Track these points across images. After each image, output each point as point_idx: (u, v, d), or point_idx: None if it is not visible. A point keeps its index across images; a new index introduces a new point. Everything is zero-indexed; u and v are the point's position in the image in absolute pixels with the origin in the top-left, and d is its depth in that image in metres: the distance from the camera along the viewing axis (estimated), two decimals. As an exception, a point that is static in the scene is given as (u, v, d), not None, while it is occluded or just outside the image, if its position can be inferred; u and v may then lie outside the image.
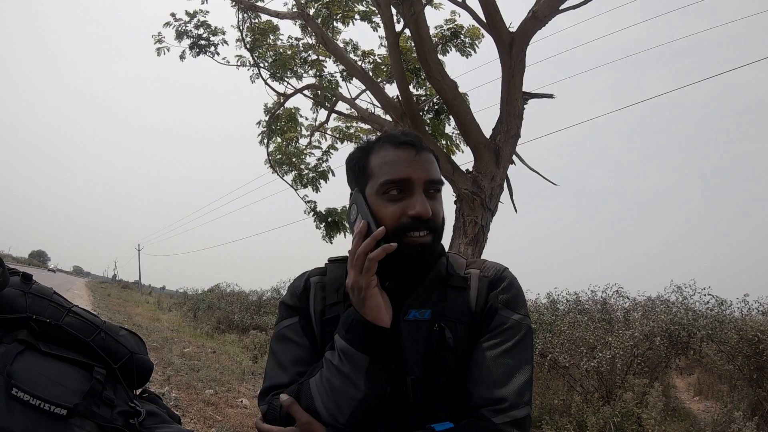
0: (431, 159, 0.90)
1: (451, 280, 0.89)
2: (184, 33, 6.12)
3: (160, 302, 23.19)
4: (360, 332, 0.80)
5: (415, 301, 0.87)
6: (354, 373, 0.79)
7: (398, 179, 0.85)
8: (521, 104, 4.29)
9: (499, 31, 4.21)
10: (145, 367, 1.07)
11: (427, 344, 0.83)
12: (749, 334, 5.36)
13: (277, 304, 14.24)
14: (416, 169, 0.86)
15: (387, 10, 4.51)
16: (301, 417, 0.81)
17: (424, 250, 0.85)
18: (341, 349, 0.81)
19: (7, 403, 0.76)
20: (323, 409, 0.80)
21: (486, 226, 4.15)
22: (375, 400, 0.80)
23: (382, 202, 0.86)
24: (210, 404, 5.01)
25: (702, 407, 6.37)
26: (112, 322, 1.15)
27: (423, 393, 0.81)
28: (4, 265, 0.89)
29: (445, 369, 0.83)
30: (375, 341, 0.79)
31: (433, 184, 0.88)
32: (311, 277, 0.97)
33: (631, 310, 7.25)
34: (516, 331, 0.85)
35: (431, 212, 0.85)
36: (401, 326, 0.84)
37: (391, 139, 0.90)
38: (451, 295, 0.88)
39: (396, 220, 0.84)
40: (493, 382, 0.80)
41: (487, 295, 0.88)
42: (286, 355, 0.90)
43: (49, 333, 0.91)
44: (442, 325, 0.84)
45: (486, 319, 0.86)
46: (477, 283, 0.90)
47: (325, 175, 6.80)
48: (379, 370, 0.79)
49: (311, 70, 6.50)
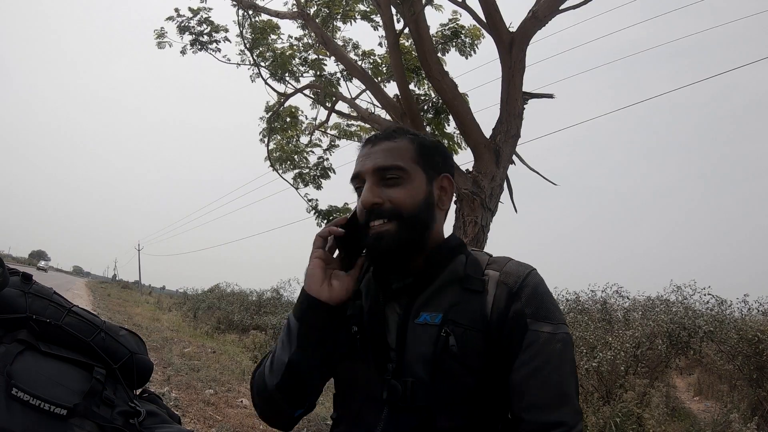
0: (389, 147, 0.87)
1: (468, 281, 0.84)
2: (186, 29, 6.12)
3: (160, 302, 23.20)
4: (299, 299, 0.87)
5: (427, 303, 0.83)
6: (286, 337, 0.86)
7: (354, 175, 0.90)
8: (521, 104, 4.28)
9: (499, 31, 4.21)
10: (145, 367, 1.07)
11: (434, 349, 0.79)
12: (749, 334, 5.36)
13: (276, 304, 14.17)
14: (366, 161, 0.88)
15: (387, 10, 4.51)
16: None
17: (378, 238, 0.83)
18: (287, 317, 0.89)
19: (7, 403, 0.76)
20: (269, 375, 0.87)
21: (486, 226, 4.15)
22: (301, 366, 0.84)
23: (357, 198, 0.90)
24: (210, 404, 5.01)
25: (702, 407, 6.37)
26: (112, 322, 1.15)
27: (424, 397, 0.78)
28: (4, 265, 0.89)
29: (449, 376, 0.79)
30: (303, 307, 0.85)
31: (384, 170, 0.85)
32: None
33: (631, 309, 7.25)
34: (553, 344, 0.78)
35: (380, 200, 0.84)
36: (409, 329, 0.82)
37: (363, 139, 0.94)
38: (465, 299, 0.82)
39: (360, 215, 0.87)
40: (547, 406, 0.75)
41: (507, 305, 0.80)
42: None
43: (49, 333, 0.91)
44: (448, 331, 0.79)
45: (513, 334, 0.79)
46: (495, 287, 0.82)
47: (327, 172, 6.79)
48: (307, 337, 0.83)
49: (311, 70, 6.49)
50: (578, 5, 4.25)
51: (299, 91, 6.50)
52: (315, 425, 4.76)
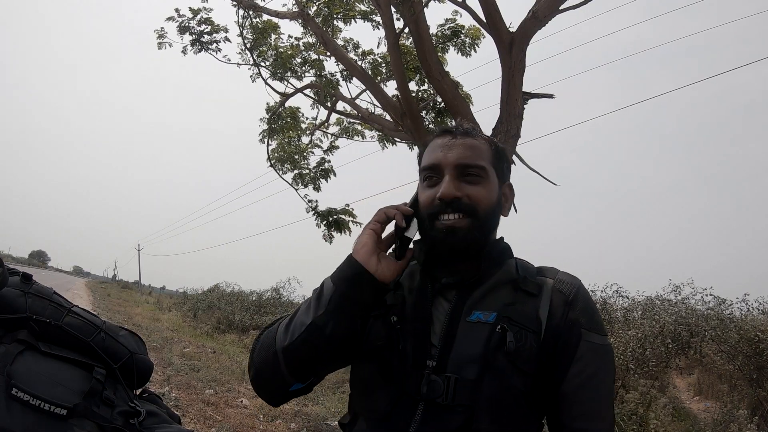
0: (471, 144, 0.87)
1: (524, 283, 0.83)
2: (186, 29, 6.12)
3: (160, 302, 23.18)
4: (342, 265, 0.84)
5: (480, 302, 0.82)
6: (316, 300, 0.82)
7: (430, 165, 0.87)
8: (521, 104, 4.28)
9: (499, 31, 4.20)
10: (145, 367, 1.07)
11: (485, 347, 0.77)
12: (749, 334, 5.36)
13: (276, 304, 14.10)
14: (447, 153, 0.86)
15: (387, 10, 4.51)
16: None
17: (450, 232, 0.82)
18: (324, 280, 0.85)
19: (7, 403, 0.76)
20: (281, 334, 0.83)
21: (486, 226, 4.14)
22: (323, 332, 0.79)
23: (422, 189, 0.88)
24: (210, 404, 5.01)
25: (702, 407, 6.37)
26: (112, 322, 1.15)
27: (467, 396, 0.75)
28: (4, 265, 0.89)
29: (499, 375, 0.76)
30: (346, 273, 0.82)
31: (467, 167, 0.85)
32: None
33: (631, 309, 7.25)
34: (603, 356, 0.81)
35: (460, 194, 0.83)
36: (460, 326, 0.80)
37: (440, 129, 0.93)
38: (520, 300, 0.82)
39: (429, 205, 0.85)
40: (596, 417, 0.79)
41: (564, 313, 0.81)
42: None
43: (49, 333, 0.91)
44: (505, 327, 0.77)
45: (568, 342, 0.79)
46: (550, 294, 0.83)
47: (328, 173, 6.79)
48: (339, 304, 0.80)
49: (311, 70, 6.49)
50: (578, 5, 4.24)
51: (299, 91, 6.50)
52: (314, 425, 4.76)
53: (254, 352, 0.87)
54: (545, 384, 0.79)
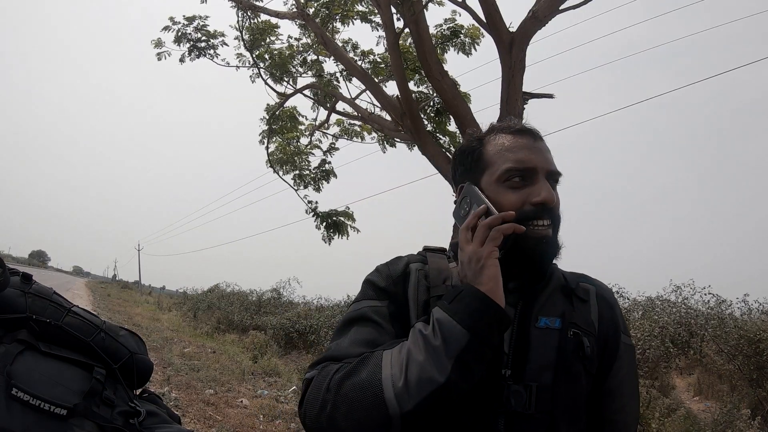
0: (548, 148, 0.85)
1: (577, 290, 0.85)
2: (183, 36, 6.11)
3: (160, 302, 23.18)
4: (469, 303, 0.69)
5: (543, 308, 0.81)
6: (444, 350, 0.66)
7: (523, 166, 0.80)
8: (521, 104, 4.28)
9: (499, 31, 4.21)
10: (145, 367, 1.07)
11: (558, 354, 0.77)
12: (749, 334, 5.36)
13: (276, 304, 14.03)
14: (538, 156, 0.81)
15: (387, 10, 4.51)
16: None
17: (546, 243, 0.78)
18: (438, 319, 0.69)
19: (7, 403, 0.76)
20: (390, 386, 0.65)
21: (486, 226, 4.15)
22: (456, 392, 0.66)
23: (502, 191, 0.80)
24: (210, 404, 5.01)
25: (702, 407, 6.37)
26: (112, 322, 1.15)
27: (547, 403, 0.75)
28: (4, 265, 0.89)
29: (574, 379, 0.77)
30: (483, 316, 0.68)
31: (555, 175, 0.82)
32: (411, 263, 0.87)
33: (631, 310, 7.25)
34: (634, 355, 0.89)
35: (556, 201, 0.80)
36: (532, 332, 0.78)
37: (506, 127, 0.86)
38: (577, 306, 0.83)
39: (518, 209, 0.77)
40: (634, 409, 0.87)
41: (609, 316, 0.86)
42: (364, 335, 0.77)
43: (49, 333, 0.91)
44: (579, 333, 0.79)
45: (611, 343, 0.84)
46: (596, 299, 0.86)
47: (329, 174, 6.80)
48: (475, 356, 0.67)
49: (311, 70, 6.50)
50: (578, 5, 4.25)
51: (299, 91, 6.51)
52: None
53: (332, 410, 0.67)
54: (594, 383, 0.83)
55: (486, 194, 0.80)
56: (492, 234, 0.73)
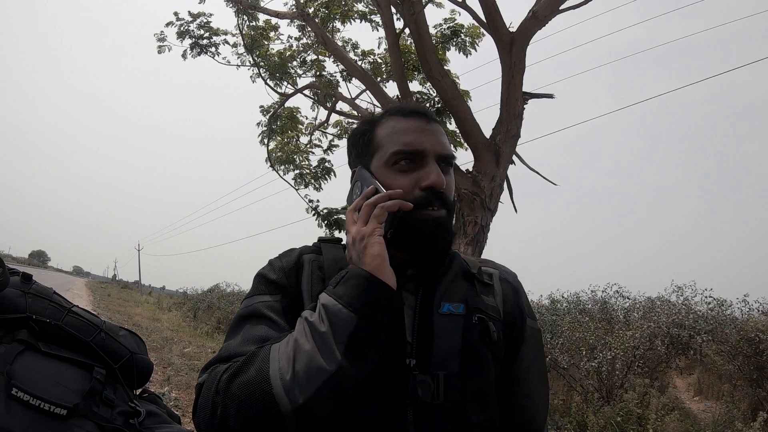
0: (442, 131, 0.82)
1: (480, 274, 0.84)
2: (185, 33, 6.13)
3: (160, 302, 23.18)
4: (354, 284, 0.66)
5: (446, 294, 0.79)
6: (332, 336, 0.62)
7: (412, 149, 0.77)
8: (521, 104, 4.29)
9: (499, 31, 4.21)
10: (145, 367, 1.07)
11: (464, 340, 0.75)
12: (749, 334, 5.36)
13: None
14: (429, 138, 0.79)
15: (387, 10, 4.51)
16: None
17: (439, 225, 0.76)
18: (324, 304, 0.65)
19: (7, 403, 0.76)
20: (278, 380, 0.61)
21: (486, 226, 4.15)
22: (350, 381, 0.62)
23: (391, 174, 0.78)
24: (210, 404, 5.01)
25: (702, 407, 6.37)
26: (112, 322, 1.15)
27: (456, 391, 0.72)
28: (4, 265, 0.89)
29: (481, 366, 0.75)
30: (370, 296, 0.65)
31: (447, 159, 0.80)
32: (305, 254, 0.83)
33: (631, 310, 7.25)
34: (539, 338, 0.87)
35: (445, 185, 0.77)
36: (435, 319, 0.76)
37: (399, 109, 0.83)
38: (481, 291, 0.82)
39: (408, 194, 0.75)
40: (543, 393, 0.84)
41: (514, 299, 0.85)
42: (257, 333, 0.72)
43: (49, 333, 0.91)
44: (484, 319, 0.77)
45: (517, 327, 0.83)
46: (499, 283, 0.85)
47: (329, 172, 6.80)
48: (366, 339, 0.64)
49: (311, 70, 6.50)
50: (578, 5, 4.25)
51: (299, 91, 6.51)
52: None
53: (223, 412, 0.63)
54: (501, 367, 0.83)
55: (376, 178, 0.78)
56: (375, 211, 0.71)
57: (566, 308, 7.38)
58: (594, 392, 5.33)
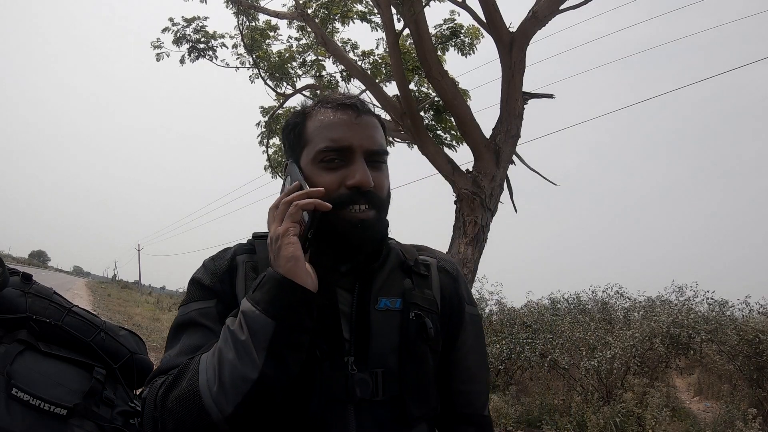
0: (375, 124, 0.79)
1: (416, 266, 0.83)
2: (182, 38, 6.11)
3: (160, 302, 23.18)
4: (269, 289, 0.65)
5: (382, 289, 0.78)
6: (253, 343, 0.62)
7: (338, 145, 0.74)
8: (521, 104, 4.29)
9: (499, 31, 4.21)
10: (145, 367, 1.07)
11: (401, 336, 0.75)
12: (750, 335, 5.36)
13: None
14: (357, 134, 0.75)
15: (387, 10, 4.51)
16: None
17: (364, 226, 0.73)
18: (243, 311, 0.65)
19: (7, 403, 0.76)
20: (207, 391, 0.62)
21: (486, 226, 4.15)
22: (274, 386, 0.63)
23: (317, 171, 0.74)
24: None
25: (702, 407, 6.37)
26: (112, 322, 1.15)
27: (395, 387, 0.73)
28: (4, 265, 0.89)
29: (419, 361, 0.76)
30: (285, 300, 0.64)
31: (377, 154, 0.77)
32: (238, 255, 0.81)
33: (631, 310, 7.26)
34: (479, 325, 0.89)
35: (373, 183, 0.74)
36: (372, 316, 0.75)
37: (329, 100, 0.79)
38: (417, 283, 0.81)
39: (333, 192, 0.72)
40: (483, 379, 0.87)
41: (453, 289, 0.85)
42: (193, 341, 0.72)
43: (49, 333, 0.91)
44: (421, 315, 0.77)
45: (456, 315, 0.84)
46: (437, 273, 0.85)
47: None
48: (286, 344, 0.63)
49: (311, 71, 6.50)
50: (578, 5, 4.25)
51: (299, 91, 6.51)
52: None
53: (162, 427, 0.64)
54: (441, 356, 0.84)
55: (304, 174, 0.75)
56: (290, 210, 0.69)
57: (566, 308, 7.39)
58: (594, 392, 5.33)
